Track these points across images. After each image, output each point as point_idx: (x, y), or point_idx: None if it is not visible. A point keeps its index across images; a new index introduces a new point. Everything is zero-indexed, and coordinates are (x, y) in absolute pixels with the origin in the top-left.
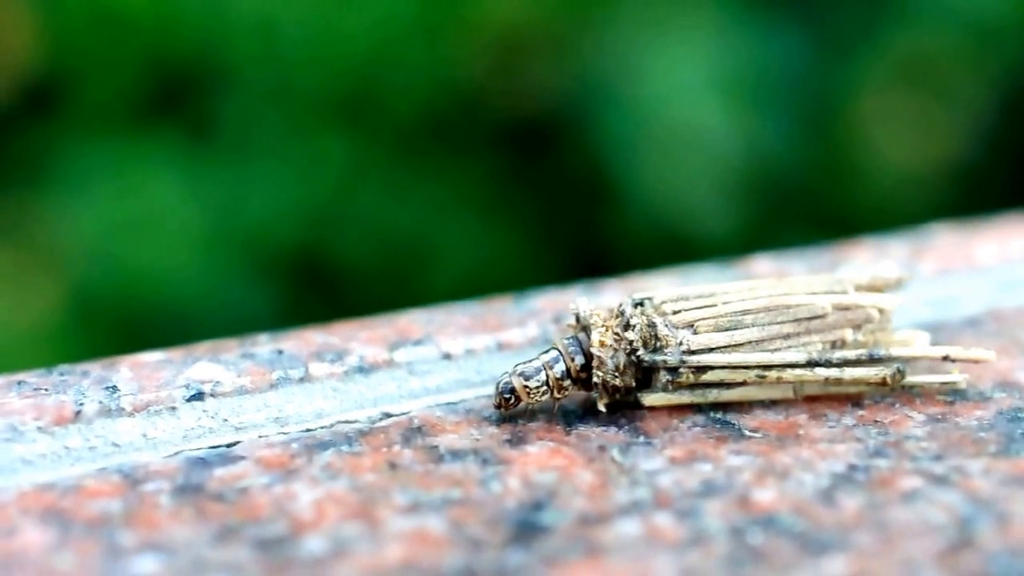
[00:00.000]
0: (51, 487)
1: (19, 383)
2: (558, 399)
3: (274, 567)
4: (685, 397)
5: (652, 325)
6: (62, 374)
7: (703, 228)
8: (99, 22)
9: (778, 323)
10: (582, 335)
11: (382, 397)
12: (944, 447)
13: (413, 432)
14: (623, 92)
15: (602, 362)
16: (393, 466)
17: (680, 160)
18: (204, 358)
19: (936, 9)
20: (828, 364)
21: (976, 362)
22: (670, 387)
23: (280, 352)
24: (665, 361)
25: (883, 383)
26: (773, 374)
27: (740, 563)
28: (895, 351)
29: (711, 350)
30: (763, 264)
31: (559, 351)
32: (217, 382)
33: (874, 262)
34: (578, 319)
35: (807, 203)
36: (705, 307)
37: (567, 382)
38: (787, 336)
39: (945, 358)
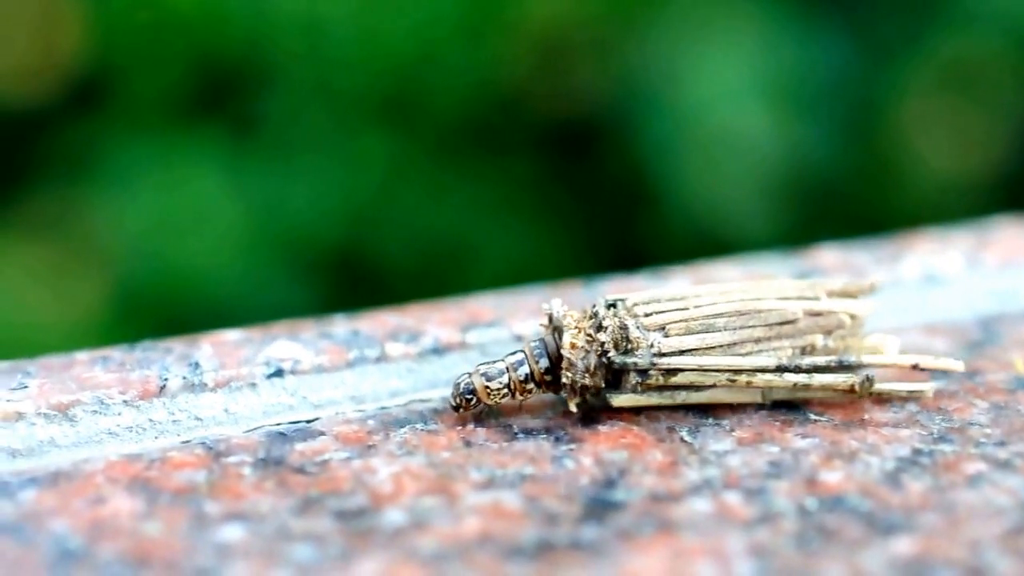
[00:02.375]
0: (137, 458)
1: (104, 359)
2: (521, 401)
3: (356, 537)
4: (654, 399)
5: (624, 327)
6: (145, 350)
7: (743, 232)
8: (146, 20)
9: (749, 327)
10: (550, 337)
11: (456, 377)
12: (1007, 433)
13: (486, 411)
14: (665, 95)
15: (571, 364)
16: (468, 443)
17: (721, 164)
18: (283, 337)
19: (979, 15)
20: (797, 370)
21: (945, 371)
22: (639, 389)
23: (356, 333)
24: (636, 363)
25: (851, 390)
26: (743, 378)
27: (809, 541)
28: (865, 358)
29: (681, 352)
30: (828, 255)
31: (524, 354)
32: (296, 360)
33: (938, 252)
34: (551, 319)
35: (847, 208)
36: (677, 310)
37: (530, 385)
38: (758, 340)
39: (915, 367)
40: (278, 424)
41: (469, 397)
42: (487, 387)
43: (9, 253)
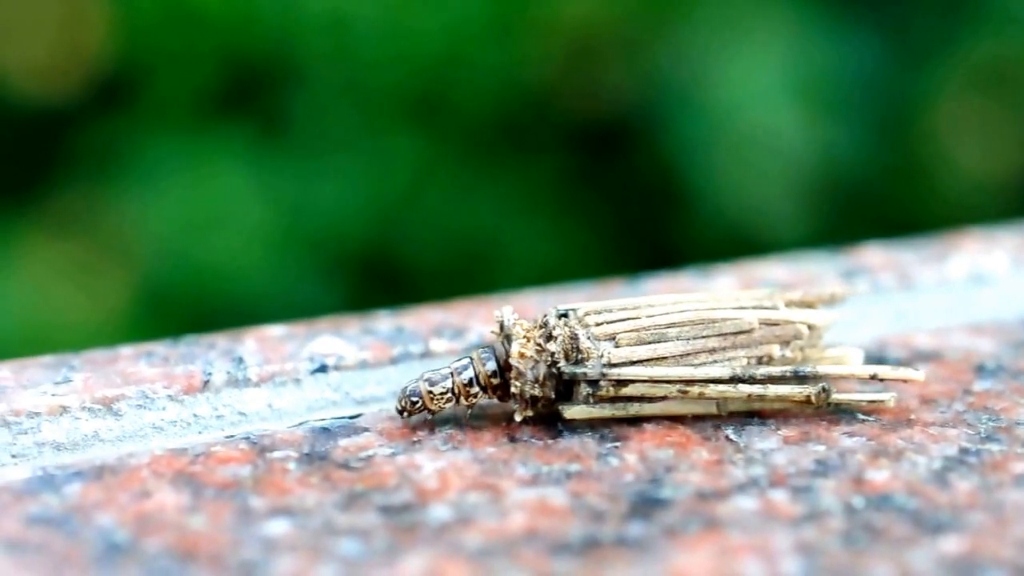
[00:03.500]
0: (182, 452)
1: (148, 353)
2: (468, 406)
3: (401, 532)
4: (607, 411)
5: (574, 337)
6: (188, 345)
7: (774, 232)
8: (173, 18)
9: (703, 337)
10: (499, 345)
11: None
12: None
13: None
14: (696, 94)
15: (520, 373)
16: (513, 439)
17: (752, 164)
18: (326, 332)
19: (1013, 16)
20: (752, 380)
21: (905, 382)
22: (591, 400)
23: (400, 329)
24: (585, 374)
25: (807, 401)
26: (695, 389)
27: (856, 539)
28: (822, 369)
29: (632, 363)
30: (874, 254)
31: (471, 359)
32: (340, 356)
33: (985, 252)
34: (502, 327)
35: (879, 208)
36: (629, 319)
37: (475, 389)
38: (712, 351)
39: (873, 377)
40: (322, 420)
41: (415, 400)
42: (430, 392)
43: (36, 250)
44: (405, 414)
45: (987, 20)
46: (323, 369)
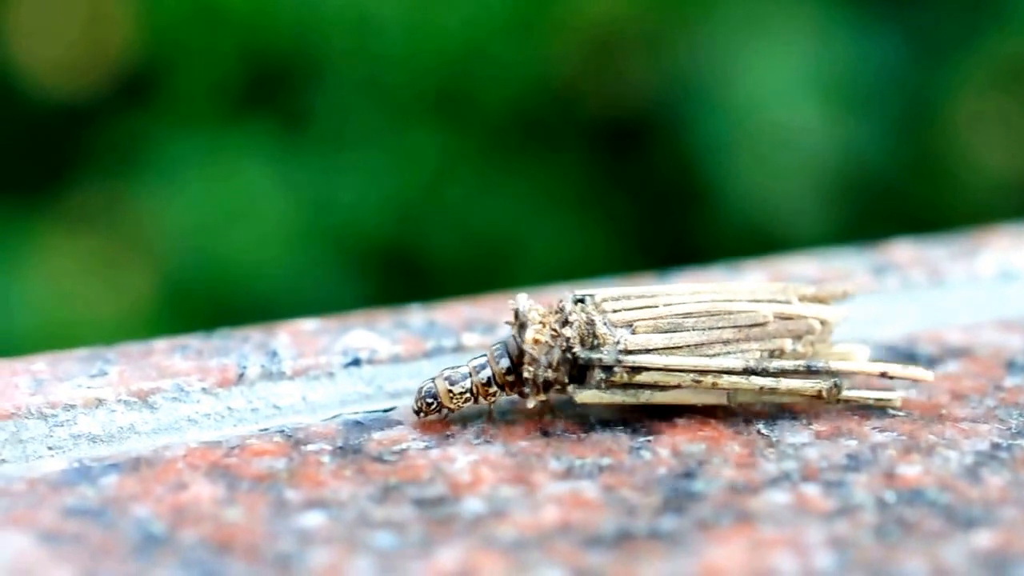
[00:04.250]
0: (217, 445)
1: (183, 347)
2: (490, 404)
3: (435, 525)
4: (618, 396)
5: (591, 323)
6: (223, 338)
7: (795, 229)
8: (196, 16)
9: (718, 328)
10: (510, 339)
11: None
12: None
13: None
14: (717, 91)
15: (534, 359)
16: (545, 433)
17: (773, 161)
18: (359, 326)
19: None
20: (765, 373)
21: (914, 380)
22: (603, 385)
23: (432, 323)
24: (601, 359)
25: (818, 396)
26: (708, 379)
27: (888, 533)
28: (834, 364)
29: (648, 351)
30: (903, 250)
31: (487, 356)
32: (373, 350)
33: (1014, 248)
34: (517, 316)
35: (899, 205)
36: (646, 307)
37: (494, 388)
38: (726, 342)
39: (883, 375)
40: (355, 413)
41: (431, 401)
42: (450, 391)
43: (58, 246)
44: (421, 414)
45: (1009, 17)
46: (356, 363)
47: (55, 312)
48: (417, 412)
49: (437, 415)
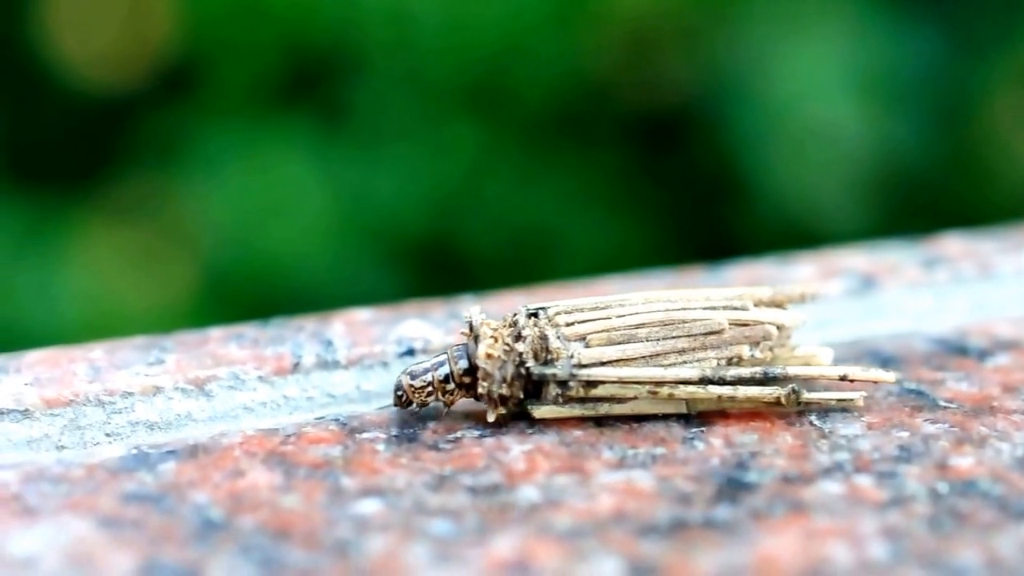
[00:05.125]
0: (273, 433)
1: (238, 336)
2: (447, 404)
3: (491, 513)
4: (576, 410)
5: (544, 337)
6: (278, 327)
7: (832, 224)
8: (237, 9)
9: (673, 338)
10: (472, 343)
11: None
12: None
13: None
14: (755, 86)
15: (487, 374)
16: (599, 423)
17: (811, 156)
18: (412, 316)
19: None
20: (722, 382)
21: (875, 382)
22: (560, 400)
23: (485, 314)
24: (555, 374)
25: (777, 402)
26: (665, 390)
27: (941, 524)
28: (792, 370)
29: (602, 364)
30: (953, 243)
31: (447, 355)
32: (427, 340)
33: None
34: (471, 327)
35: (937, 201)
36: (599, 319)
37: (451, 386)
38: (682, 351)
39: (843, 378)
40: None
41: (400, 394)
42: (411, 385)
43: (98, 237)
44: (396, 405)
45: None
46: (410, 352)
47: (96, 304)
48: (395, 404)
49: (410, 407)
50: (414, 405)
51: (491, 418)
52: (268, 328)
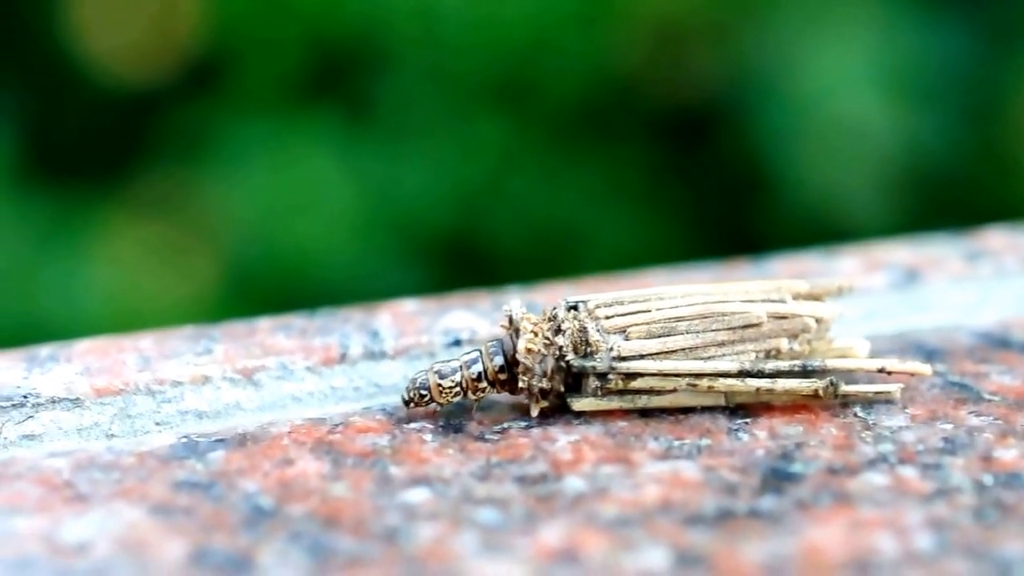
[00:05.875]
0: (321, 422)
1: (286, 326)
2: (475, 400)
3: (538, 502)
4: (615, 403)
5: (583, 330)
6: (325, 318)
7: (860, 220)
8: (263, 5)
9: (712, 331)
10: (507, 339)
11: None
12: None
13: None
14: (782, 82)
15: (528, 368)
16: (644, 414)
17: (838, 152)
18: (458, 307)
19: None
20: (760, 375)
21: (912, 375)
22: (600, 393)
23: (532, 306)
24: (595, 367)
25: (815, 395)
26: (704, 383)
27: (986, 515)
28: (830, 363)
29: (642, 356)
30: (997, 237)
31: (480, 352)
32: (473, 330)
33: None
34: (511, 321)
35: (965, 197)
36: (639, 312)
37: (483, 384)
38: (721, 344)
39: (881, 370)
40: None
41: (424, 393)
42: (440, 385)
43: (124, 231)
44: (411, 405)
45: None
46: (457, 343)
47: (119, 298)
48: (407, 403)
49: (425, 407)
50: (433, 405)
51: (534, 413)
52: (315, 319)
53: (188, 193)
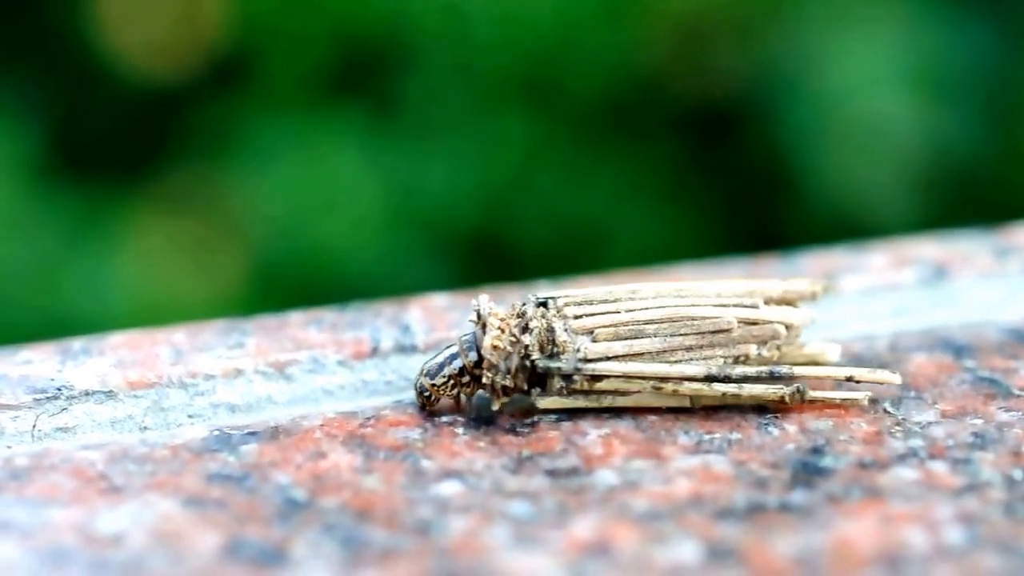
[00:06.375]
0: (352, 416)
1: (317, 320)
2: (468, 395)
3: (570, 495)
4: (580, 401)
5: (551, 330)
6: (356, 312)
7: (884, 218)
8: (289, 1)
9: (681, 335)
10: (480, 332)
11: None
12: None
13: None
14: (807, 80)
15: (493, 365)
16: (674, 408)
17: (862, 150)
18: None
19: None
20: (727, 380)
21: (880, 384)
22: (564, 392)
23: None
24: (560, 368)
25: (781, 401)
26: (669, 386)
27: (1016, 510)
28: (798, 370)
29: (608, 358)
30: None
31: (457, 348)
32: None
33: None
34: (479, 316)
35: (989, 194)
36: (608, 313)
37: (466, 378)
38: (689, 348)
39: (849, 379)
40: None
41: (427, 394)
42: (433, 384)
43: (150, 226)
44: (425, 409)
45: None
46: None
47: (145, 294)
48: (422, 408)
49: (438, 404)
50: (441, 401)
51: (495, 407)
52: (346, 313)
53: (214, 190)
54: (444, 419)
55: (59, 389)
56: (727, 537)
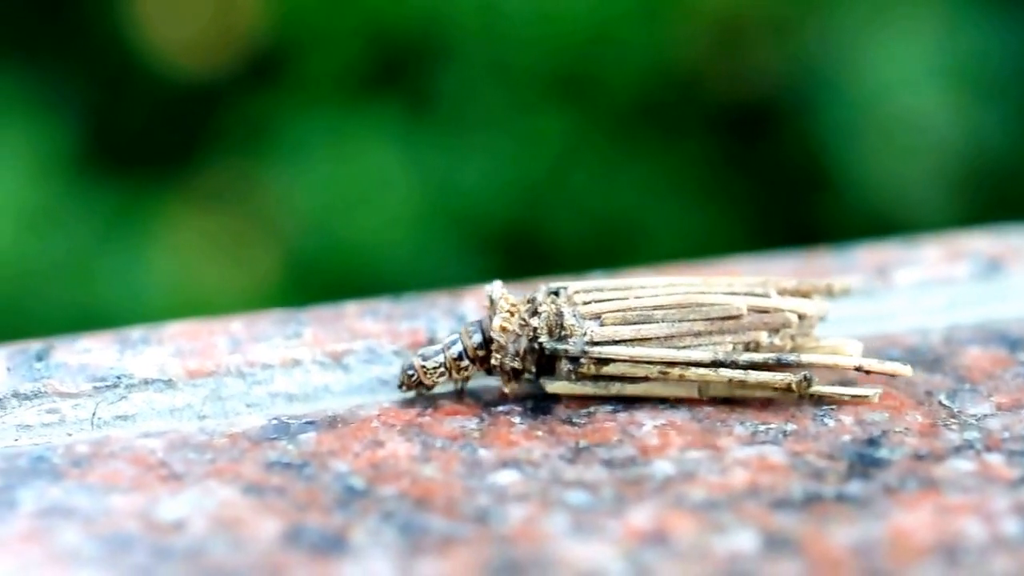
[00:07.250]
0: (409, 405)
1: (372, 311)
2: (459, 379)
3: (627, 485)
4: (588, 388)
5: (560, 314)
6: (411, 303)
7: (920, 216)
8: None
9: (689, 320)
10: (486, 318)
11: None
12: None
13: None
14: (844, 78)
15: (501, 346)
16: (728, 400)
17: (899, 148)
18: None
19: None
20: (733, 365)
21: (892, 375)
22: (572, 377)
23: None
24: (566, 350)
25: (788, 389)
26: (675, 371)
27: None
28: (806, 358)
29: (615, 342)
30: None
31: (459, 334)
32: None
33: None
34: (491, 301)
35: None
36: (617, 299)
37: (465, 362)
38: (698, 334)
39: (858, 369)
40: None
41: (411, 374)
42: (424, 367)
43: (185, 221)
44: (403, 388)
45: None
46: None
47: (179, 288)
48: (400, 386)
49: (417, 390)
50: (423, 387)
51: (506, 390)
52: (401, 304)
53: (249, 185)
54: (501, 408)
55: (119, 378)
56: (784, 527)
